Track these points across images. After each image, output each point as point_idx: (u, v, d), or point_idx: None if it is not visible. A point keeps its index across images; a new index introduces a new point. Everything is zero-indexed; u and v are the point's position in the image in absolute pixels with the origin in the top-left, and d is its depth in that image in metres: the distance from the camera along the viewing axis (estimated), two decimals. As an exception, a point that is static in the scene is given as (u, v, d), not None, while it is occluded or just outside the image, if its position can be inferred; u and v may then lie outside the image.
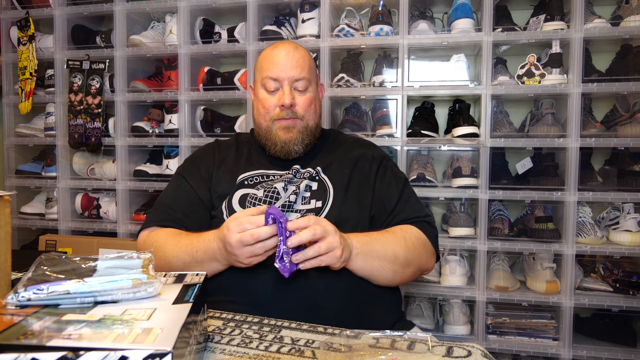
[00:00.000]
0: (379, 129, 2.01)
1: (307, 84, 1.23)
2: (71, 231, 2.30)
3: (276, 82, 1.21)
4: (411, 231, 1.14)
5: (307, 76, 1.23)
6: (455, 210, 2.00)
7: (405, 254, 1.09)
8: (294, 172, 1.21)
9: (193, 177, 1.25)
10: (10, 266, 0.83)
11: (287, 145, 1.22)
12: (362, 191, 1.20)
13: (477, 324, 1.87)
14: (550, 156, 1.92)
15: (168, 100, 2.19)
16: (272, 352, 0.74)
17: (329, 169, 1.22)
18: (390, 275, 1.08)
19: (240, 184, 1.20)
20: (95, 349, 0.51)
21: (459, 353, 0.74)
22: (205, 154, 1.31)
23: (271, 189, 1.17)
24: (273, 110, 1.22)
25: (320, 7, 2.00)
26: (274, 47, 1.25)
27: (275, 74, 1.21)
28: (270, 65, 1.22)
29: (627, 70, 1.82)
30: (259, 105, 1.25)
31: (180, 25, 2.12)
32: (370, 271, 1.06)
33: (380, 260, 1.06)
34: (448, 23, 1.97)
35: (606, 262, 1.90)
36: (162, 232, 1.16)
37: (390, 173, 1.25)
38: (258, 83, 1.26)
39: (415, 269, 1.13)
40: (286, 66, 1.21)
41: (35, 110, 2.38)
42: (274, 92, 1.22)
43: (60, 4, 2.27)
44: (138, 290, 0.67)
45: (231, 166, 1.26)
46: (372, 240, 1.06)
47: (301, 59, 1.22)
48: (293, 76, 1.21)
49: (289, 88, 1.21)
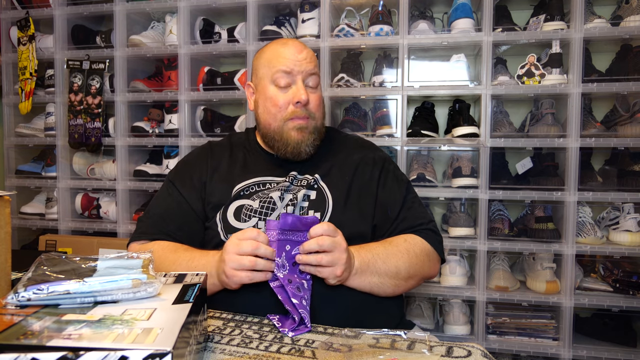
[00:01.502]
0: (379, 129, 2.01)
1: (318, 81, 1.19)
2: (71, 231, 2.30)
3: (289, 77, 1.15)
4: (415, 242, 1.11)
5: (318, 73, 1.19)
6: (455, 210, 2.00)
7: (408, 267, 1.07)
8: (291, 180, 1.16)
9: (184, 185, 1.19)
10: (10, 266, 0.83)
11: (299, 146, 1.16)
12: (363, 199, 1.16)
13: (477, 324, 1.87)
14: (550, 156, 1.92)
15: (168, 100, 2.19)
16: (272, 352, 0.74)
17: (328, 176, 1.18)
18: (391, 289, 1.07)
19: (236, 195, 1.15)
20: (95, 349, 0.51)
21: (458, 353, 0.74)
22: (198, 160, 1.24)
23: (267, 199, 1.12)
24: (286, 108, 1.15)
25: (320, 7, 2.00)
26: (284, 43, 1.19)
27: (288, 67, 1.14)
28: (283, 59, 1.15)
29: (627, 70, 1.82)
30: (267, 104, 1.17)
31: (180, 25, 2.12)
32: (370, 288, 1.04)
33: (381, 277, 1.04)
34: (448, 23, 1.97)
35: (606, 262, 1.90)
36: (157, 247, 1.12)
37: (392, 177, 1.22)
38: (266, 80, 1.18)
39: (417, 280, 1.12)
40: (300, 60, 1.15)
41: (35, 110, 2.38)
42: (285, 89, 1.16)
43: (60, 4, 2.27)
44: (138, 290, 0.67)
45: (225, 174, 1.20)
46: (374, 258, 1.04)
47: (312, 56, 1.18)
48: (307, 70, 1.15)
49: (302, 83, 1.15)
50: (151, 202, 1.22)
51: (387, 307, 1.12)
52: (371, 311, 1.08)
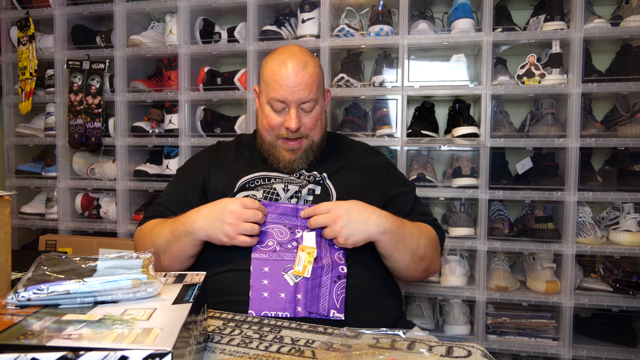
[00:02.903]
0: (379, 129, 2.01)
1: (314, 104, 1.20)
2: (71, 231, 2.30)
3: (283, 104, 1.18)
4: (429, 229, 1.19)
5: (315, 97, 1.19)
6: (455, 210, 2.00)
7: (425, 247, 1.14)
8: (297, 175, 1.21)
9: (185, 178, 1.28)
10: (10, 266, 0.83)
11: (291, 165, 1.21)
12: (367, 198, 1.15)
13: (477, 324, 1.87)
14: (550, 156, 1.92)
15: (168, 100, 2.19)
16: (272, 352, 0.74)
17: (335, 175, 1.22)
18: (406, 263, 1.11)
19: (242, 187, 1.19)
20: (95, 349, 0.51)
21: (458, 353, 0.74)
22: (203, 158, 1.31)
23: (270, 190, 1.15)
24: (279, 129, 1.20)
25: (320, 7, 2.00)
26: (282, 64, 1.17)
27: (282, 96, 1.16)
28: (277, 86, 1.16)
29: (627, 70, 1.82)
30: (263, 120, 1.22)
31: (180, 25, 2.12)
32: (392, 253, 1.09)
33: (405, 246, 1.09)
34: (448, 23, 1.97)
35: (606, 262, 1.90)
36: (153, 220, 1.22)
37: (400, 181, 1.29)
38: (263, 97, 1.22)
39: (425, 265, 1.17)
40: (294, 89, 1.15)
41: (35, 110, 2.38)
42: (279, 113, 1.19)
43: (60, 4, 2.27)
44: (138, 290, 0.67)
45: (229, 167, 1.25)
46: (403, 226, 1.10)
47: (310, 79, 1.17)
48: (300, 99, 1.17)
49: (296, 111, 1.17)
50: (160, 194, 1.32)
51: (387, 300, 1.14)
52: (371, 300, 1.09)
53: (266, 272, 1.02)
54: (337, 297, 1.02)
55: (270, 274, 1.02)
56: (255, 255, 1.04)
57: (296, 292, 1.01)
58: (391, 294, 1.17)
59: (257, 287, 1.01)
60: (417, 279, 1.20)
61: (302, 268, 1.02)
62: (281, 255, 1.05)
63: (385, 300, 1.13)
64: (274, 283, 1.01)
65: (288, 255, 1.05)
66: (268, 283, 1.01)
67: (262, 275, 1.02)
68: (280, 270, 1.03)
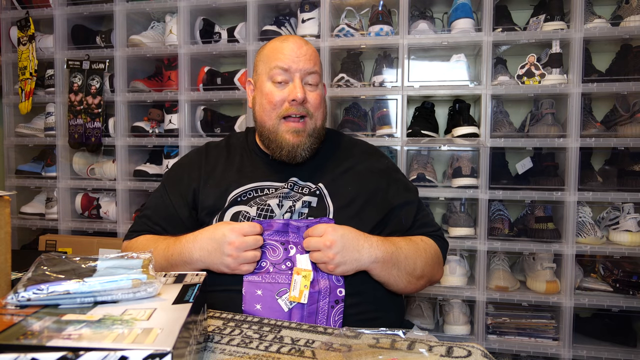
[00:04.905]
0: (379, 129, 2.01)
1: (318, 79, 1.15)
2: (71, 231, 2.30)
3: (286, 74, 1.11)
4: (430, 244, 1.15)
5: (319, 70, 1.15)
6: (455, 210, 2.00)
7: (423, 266, 1.10)
8: (291, 186, 1.13)
9: (173, 190, 1.19)
10: (10, 266, 0.83)
11: (294, 150, 1.12)
12: (366, 210, 1.13)
13: (477, 324, 1.87)
14: (550, 156, 1.92)
15: (168, 100, 2.19)
16: (272, 352, 0.74)
17: (331, 185, 1.14)
18: (403, 285, 1.08)
19: (233, 201, 1.12)
20: (95, 349, 0.51)
21: (459, 353, 0.74)
22: (192, 165, 1.22)
23: (264, 207, 1.09)
24: (281, 105, 1.12)
25: (320, 7, 2.00)
26: (284, 39, 1.15)
27: (286, 63, 1.10)
28: (281, 55, 1.11)
29: (627, 70, 1.82)
30: (263, 101, 1.14)
31: (180, 25, 2.12)
32: (387, 279, 1.06)
33: (400, 271, 1.06)
34: (448, 23, 1.97)
35: (606, 262, 1.90)
36: (141, 238, 1.15)
37: (403, 187, 1.21)
38: (263, 75, 1.15)
39: (426, 281, 1.14)
40: (299, 57, 1.11)
41: (35, 110, 2.38)
42: (282, 85, 1.12)
43: (60, 4, 2.27)
44: (138, 290, 0.67)
45: (220, 180, 1.17)
46: (397, 251, 1.06)
47: (313, 53, 1.14)
48: (305, 68, 1.11)
49: (300, 81, 1.11)
50: (145, 204, 1.26)
51: (387, 308, 1.12)
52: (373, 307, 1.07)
53: (259, 296, 0.98)
54: (335, 323, 0.98)
55: (263, 297, 0.98)
56: (248, 277, 1.00)
57: (291, 319, 0.96)
58: (392, 307, 1.13)
59: (249, 312, 0.97)
60: (417, 292, 1.18)
61: (298, 293, 0.97)
62: (275, 277, 0.99)
63: (387, 315, 1.10)
64: (267, 308, 0.97)
65: (282, 277, 0.99)
66: (261, 308, 0.97)
67: (255, 299, 0.98)
68: (274, 295, 0.98)
